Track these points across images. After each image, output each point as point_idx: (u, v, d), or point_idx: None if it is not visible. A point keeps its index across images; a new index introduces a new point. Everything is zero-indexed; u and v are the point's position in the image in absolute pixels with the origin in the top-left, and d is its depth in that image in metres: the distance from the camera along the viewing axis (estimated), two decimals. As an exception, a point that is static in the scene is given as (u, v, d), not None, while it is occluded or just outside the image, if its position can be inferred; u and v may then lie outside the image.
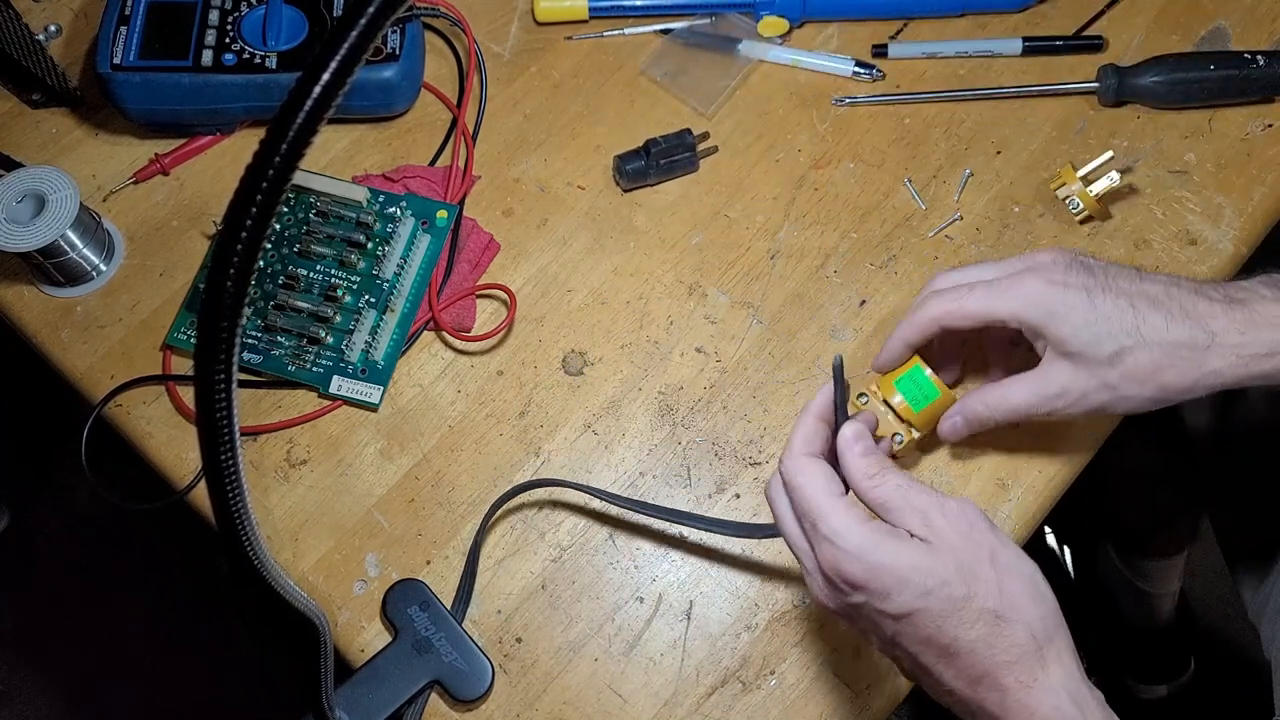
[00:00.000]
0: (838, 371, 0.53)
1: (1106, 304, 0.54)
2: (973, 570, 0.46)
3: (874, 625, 0.48)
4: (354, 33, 0.34)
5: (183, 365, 0.70)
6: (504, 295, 0.71)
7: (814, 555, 0.49)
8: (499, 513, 0.65)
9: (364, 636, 0.63)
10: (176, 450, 0.67)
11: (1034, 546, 1.29)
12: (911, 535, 0.48)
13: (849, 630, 0.52)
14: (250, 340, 0.69)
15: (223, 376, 0.37)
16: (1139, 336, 0.54)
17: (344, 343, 0.68)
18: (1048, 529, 1.29)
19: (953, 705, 0.48)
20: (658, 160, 0.73)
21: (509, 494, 0.64)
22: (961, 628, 0.45)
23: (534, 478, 0.66)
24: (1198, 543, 1.18)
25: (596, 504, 0.66)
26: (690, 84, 0.78)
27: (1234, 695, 1.27)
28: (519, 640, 0.63)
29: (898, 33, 0.80)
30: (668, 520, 0.64)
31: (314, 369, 0.68)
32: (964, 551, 0.47)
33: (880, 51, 0.78)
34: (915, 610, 0.46)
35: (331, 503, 0.66)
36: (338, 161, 0.76)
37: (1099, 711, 0.46)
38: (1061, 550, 1.29)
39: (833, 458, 0.52)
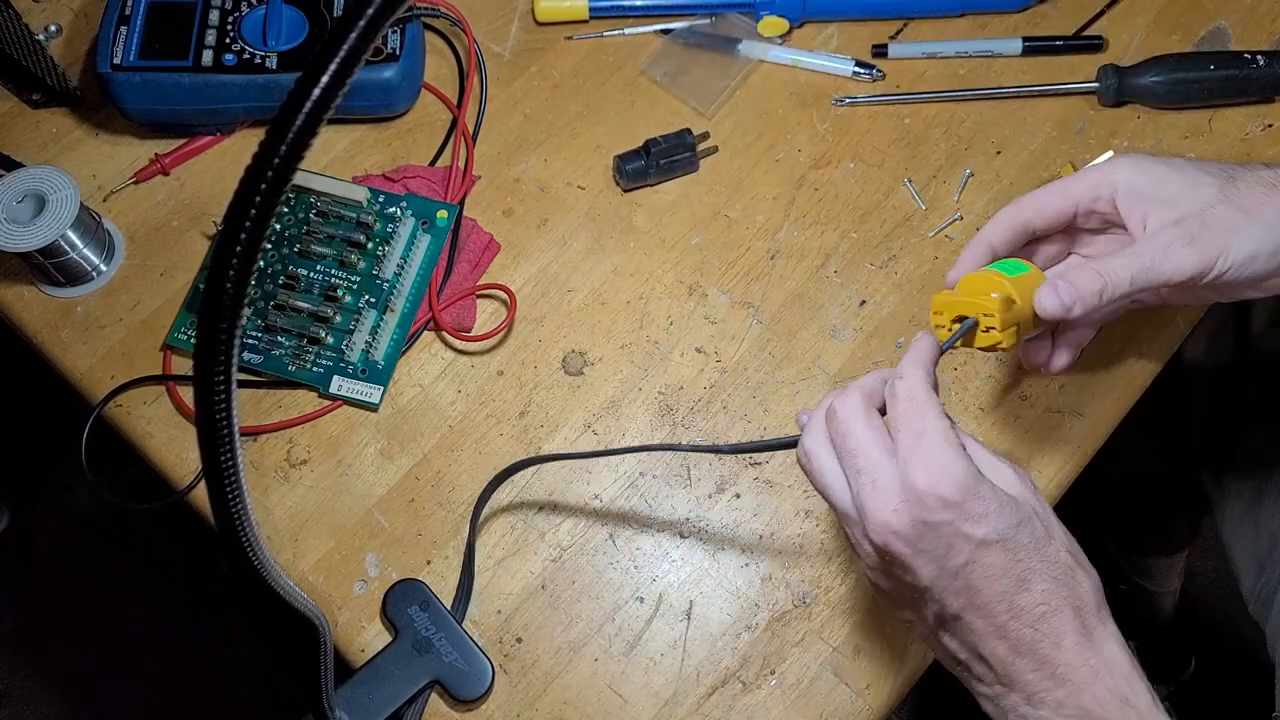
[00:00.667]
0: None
1: (1202, 164, 0.53)
2: (1045, 518, 0.46)
3: (945, 551, 0.45)
4: (354, 33, 0.34)
5: (183, 365, 0.70)
6: (504, 295, 0.71)
7: (893, 467, 0.46)
8: (499, 512, 0.65)
9: (364, 636, 0.63)
10: (176, 450, 0.67)
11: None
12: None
13: (881, 557, 0.47)
14: (250, 340, 0.69)
15: (223, 376, 0.37)
16: (1241, 170, 0.52)
17: (344, 343, 0.68)
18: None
19: (982, 661, 0.46)
20: (658, 160, 0.73)
21: (492, 484, 0.63)
22: (1043, 564, 0.45)
23: (515, 463, 0.65)
24: (1198, 542, 1.18)
25: (596, 504, 0.66)
26: (690, 84, 0.78)
27: (1234, 694, 1.27)
28: (519, 640, 0.63)
29: (898, 33, 0.80)
30: (644, 452, 0.65)
31: (314, 369, 0.68)
32: (1037, 503, 0.47)
33: (880, 51, 0.78)
34: (1004, 539, 0.45)
35: (331, 503, 0.66)
36: (338, 161, 0.76)
37: (1139, 668, 0.46)
38: None
39: None
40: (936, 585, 0.46)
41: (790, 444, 0.52)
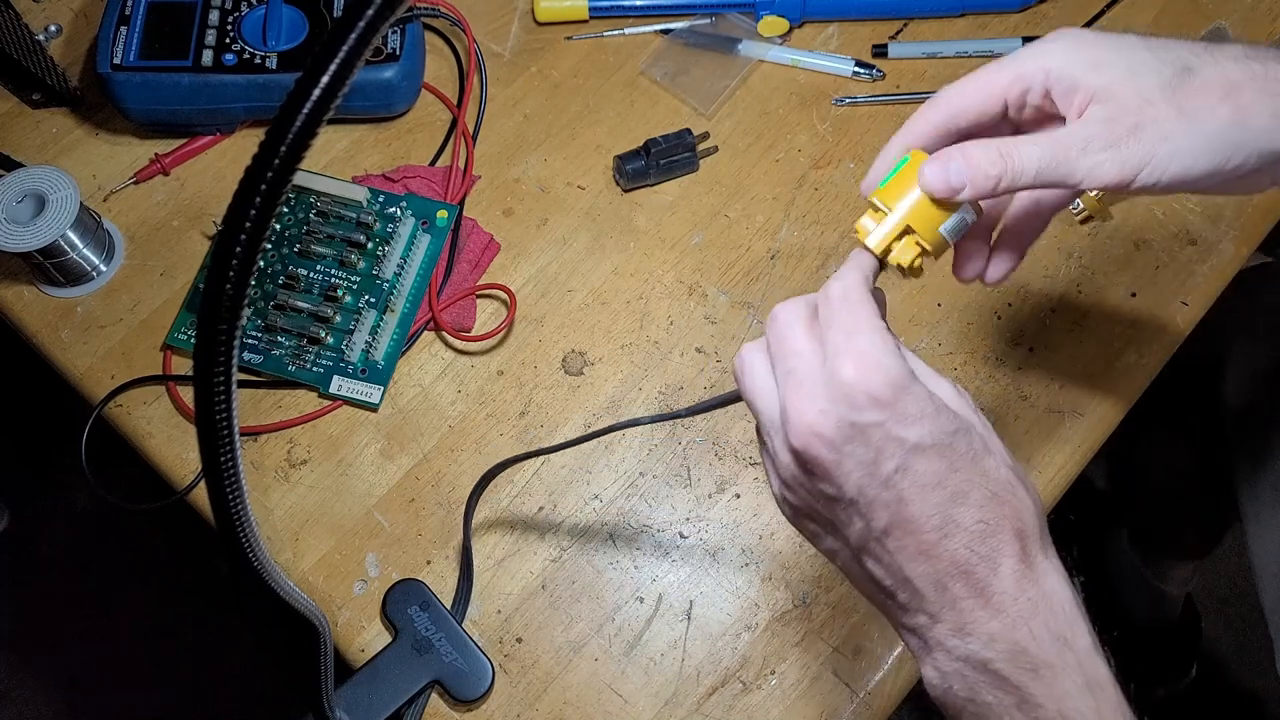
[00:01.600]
0: None
1: (1150, 38, 0.45)
2: (990, 434, 0.42)
3: (873, 456, 0.40)
4: (354, 33, 0.34)
5: (183, 365, 0.70)
6: (504, 295, 0.71)
7: (822, 365, 0.42)
8: (499, 513, 0.65)
9: (364, 636, 0.63)
10: (176, 450, 0.67)
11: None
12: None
13: (802, 467, 0.42)
14: (250, 340, 0.69)
15: (223, 376, 0.37)
16: (1205, 55, 0.44)
17: (344, 343, 0.68)
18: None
19: (908, 584, 0.42)
20: (658, 160, 0.73)
21: (479, 485, 0.63)
22: (982, 478, 0.40)
23: (504, 460, 0.65)
24: (1219, 550, 1.17)
25: (596, 504, 0.66)
26: (690, 84, 0.78)
27: (1233, 704, 1.27)
28: (519, 640, 0.63)
29: (898, 33, 0.80)
30: (628, 428, 0.61)
31: (314, 369, 0.68)
32: (975, 418, 0.43)
33: (880, 51, 0.78)
34: (939, 444, 0.40)
35: (331, 503, 0.66)
36: (338, 161, 0.76)
37: (1082, 607, 0.41)
38: (1070, 548, 1.29)
39: None
40: (863, 496, 0.41)
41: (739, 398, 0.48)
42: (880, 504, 0.41)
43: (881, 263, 0.46)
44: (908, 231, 0.45)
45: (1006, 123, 0.48)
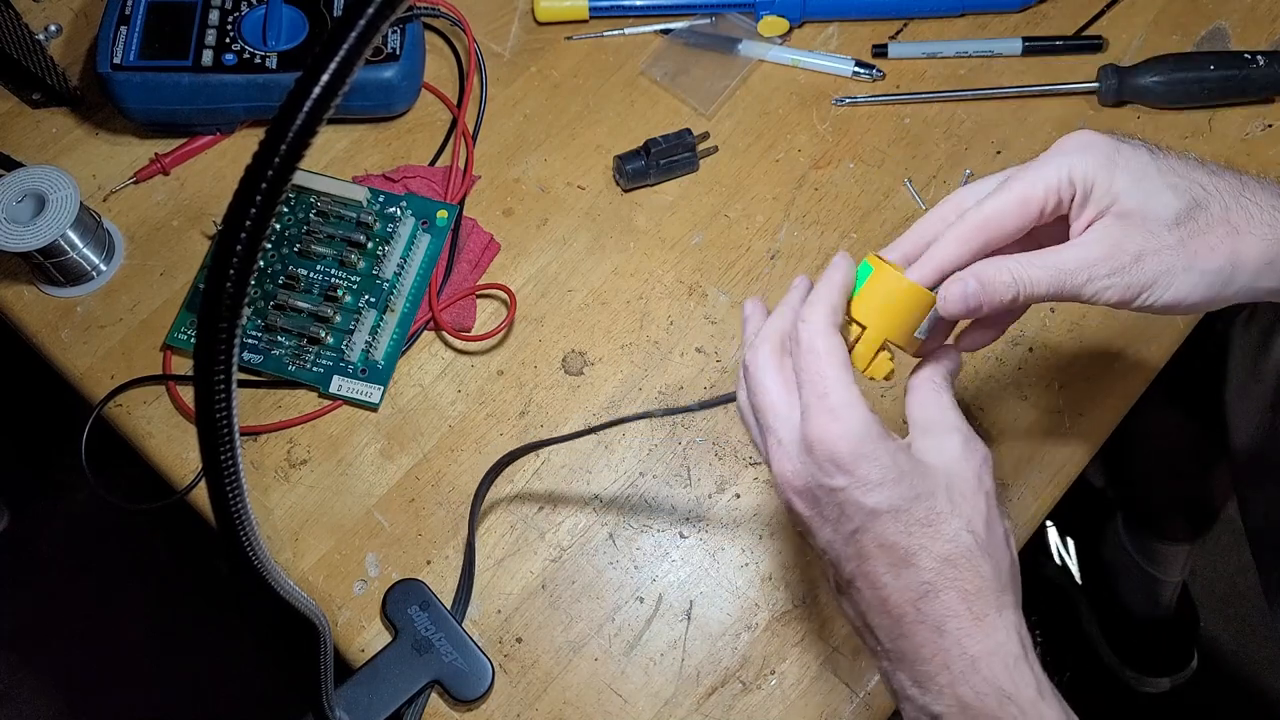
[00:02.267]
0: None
1: (1172, 159, 0.46)
2: (964, 494, 0.44)
3: (838, 515, 0.44)
4: (354, 33, 0.34)
5: (183, 365, 0.70)
6: (504, 295, 0.71)
7: (798, 424, 0.45)
8: (499, 512, 0.65)
9: (364, 636, 0.63)
10: (176, 450, 0.67)
11: (1035, 543, 1.29)
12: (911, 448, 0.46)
13: (790, 514, 0.47)
14: (250, 340, 0.69)
15: (223, 376, 0.37)
16: (1215, 191, 0.46)
17: (344, 342, 0.68)
18: (1049, 523, 1.29)
19: (871, 632, 0.45)
20: (658, 160, 0.73)
21: (487, 478, 0.63)
22: (934, 541, 0.43)
23: (514, 450, 0.65)
24: (1209, 535, 1.17)
25: (596, 504, 0.66)
26: (690, 84, 0.78)
27: (1235, 701, 1.28)
28: (519, 640, 0.63)
29: (898, 33, 0.80)
30: (636, 420, 0.63)
31: (314, 369, 0.68)
32: (963, 478, 0.45)
33: (880, 51, 0.78)
34: (896, 509, 0.43)
35: (331, 503, 0.66)
36: (338, 161, 0.76)
37: (1038, 668, 0.43)
38: (1064, 542, 1.29)
39: None
40: (831, 549, 0.45)
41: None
42: (845, 557, 0.44)
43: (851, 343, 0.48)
44: (884, 347, 0.48)
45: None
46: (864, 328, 0.48)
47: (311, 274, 0.70)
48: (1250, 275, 0.46)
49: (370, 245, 0.71)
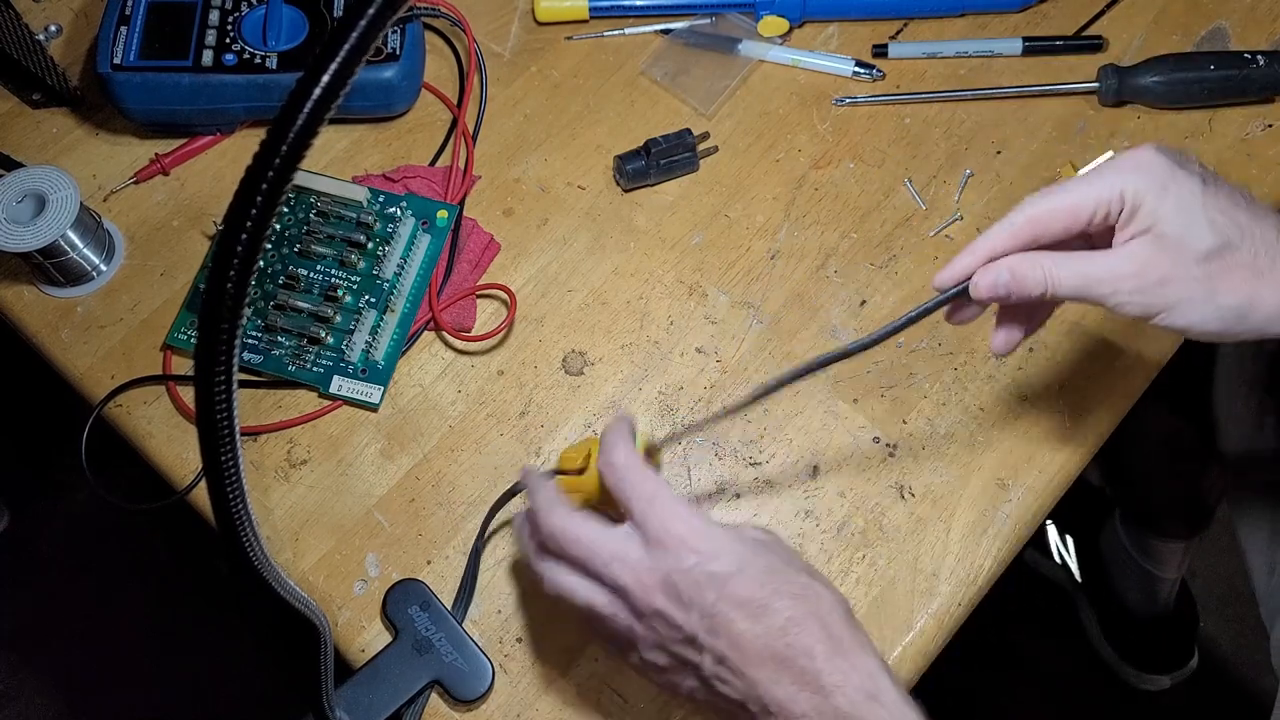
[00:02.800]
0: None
1: (1220, 196, 0.49)
2: (785, 549, 0.51)
3: (695, 592, 0.48)
4: (354, 33, 0.34)
5: (183, 365, 0.70)
6: (504, 295, 0.71)
7: (634, 536, 0.50)
8: (500, 512, 0.65)
9: (364, 636, 0.63)
10: (176, 450, 0.67)
11: (1034, 541, 1.29)
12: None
13: (660, 638, 0.50)
14: (250, 340, 0.69)
15: (223, 376, 0.37)
16: (1250, 234, 0.49)
17: (344, 343, 0.68)
18: (1048, 521, 1.29)
19: (754, 700, 0.48)
20: (658, 160, 0.73)
21: (506, 495, 0.64)
22: (784, 584, 0.48)
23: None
24: (1202, 540, 1.17)
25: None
26: (690, 84, 0.78)
27: (1235, 701, 1.28)
28: (519, 640, 0.63)
29: (898, 33, 0.80)
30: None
31: (314, 369, 0.68)
32: (776, 540, 0.52)
33: (880, 51, 0.78)
34: (743, 568, 0.48)
35: (332, 503, 0.66)
36: (338, 161, 0.76)
37: (896, 681, 0.48)
38: (1063, 539, 1.29)
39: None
40: (700, 630, 0.48)
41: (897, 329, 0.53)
42: (712, 632, 0.48)
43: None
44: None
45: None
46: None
47: (311, 274, 0.70)
48: (1264, 319, 0.49)
49: (370, 245, 0.71)
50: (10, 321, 0.72)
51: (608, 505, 0.55)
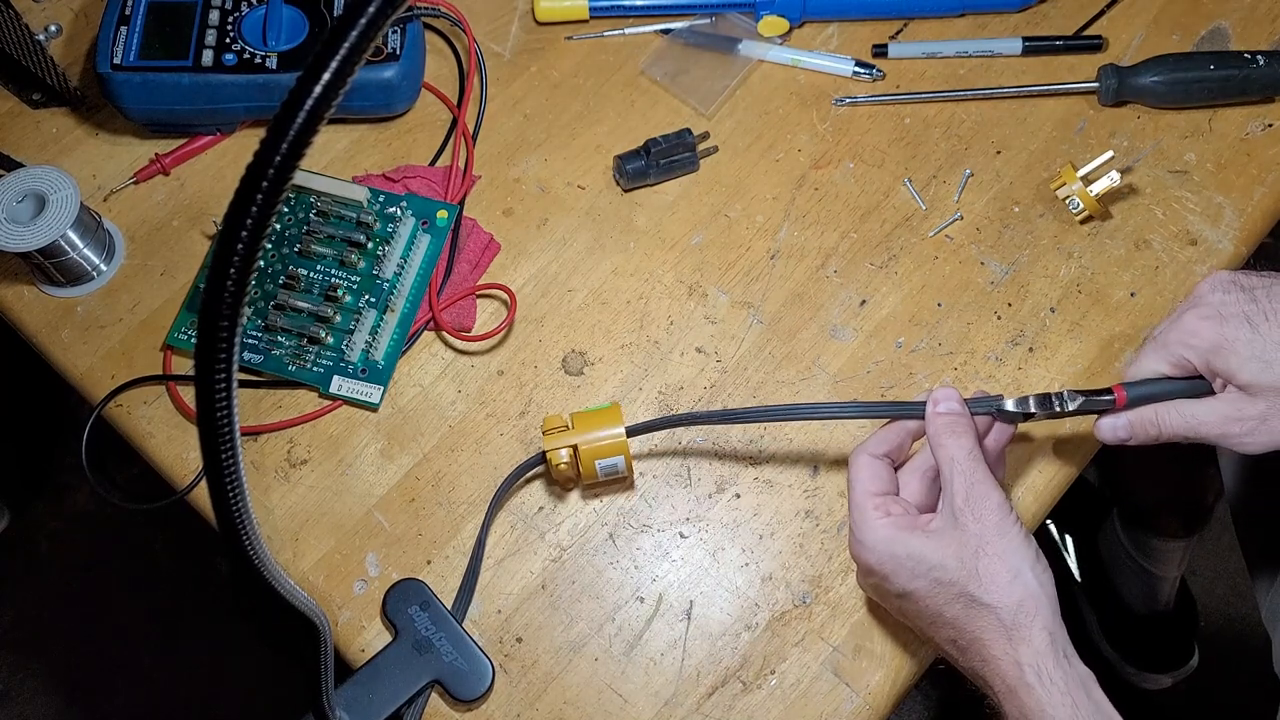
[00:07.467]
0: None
1: (1273, 330, 0.54)
2: (961, 559, 0.53)
3: (884, 595, 0.58)
4: (354, 33, 0.34)
5: (183, 365, 0.70)
6: (504, 295, 0.71)
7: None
8: (499, 512, 0.65)
9: (364, 636, 0.63)
10: (176, 450, 0.67)
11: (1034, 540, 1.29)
12: (930, 522, 0.55)
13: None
14: (250, 340, 0.69)
15: (223, 376, 0.37)
16: None
17: (344, 342, 0.68)
18: (1048, 521, 1.29)
19: (955, 657, 0.56)
20: (658, 160, 0.73)
21: (514, 474, 0.64)
22: (945, 605, 0.53)
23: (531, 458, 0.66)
24: (1202, 540, 1.17)
25: (596, 504, 0.66)
26: (690, 84, 0.78)
27: (1239, 691, 1.28)
28: (519, 640, 0.63)
29: (898, 33, 0.80)
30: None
31: (314, 369, 0.68)
32: (965, 542, 0.53)
33: (880, 51, 0.78)
34: (910, 591, 0.54)
35: (332, 503, 0.66)
36: (338, 161, 0.76)
37: (1063, 684, 0.51)
38: (1063, 539, 1.29)
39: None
40: (901, 596, 0.56)
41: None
42: (907, 601, 0.56)
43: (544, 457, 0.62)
44: (575, 450, 0.61)
45: None
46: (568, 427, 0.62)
47: (311, 274, 0.70)
48: None
49: (370, 245, 0.71)
50: (10, 321, 0.72)
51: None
